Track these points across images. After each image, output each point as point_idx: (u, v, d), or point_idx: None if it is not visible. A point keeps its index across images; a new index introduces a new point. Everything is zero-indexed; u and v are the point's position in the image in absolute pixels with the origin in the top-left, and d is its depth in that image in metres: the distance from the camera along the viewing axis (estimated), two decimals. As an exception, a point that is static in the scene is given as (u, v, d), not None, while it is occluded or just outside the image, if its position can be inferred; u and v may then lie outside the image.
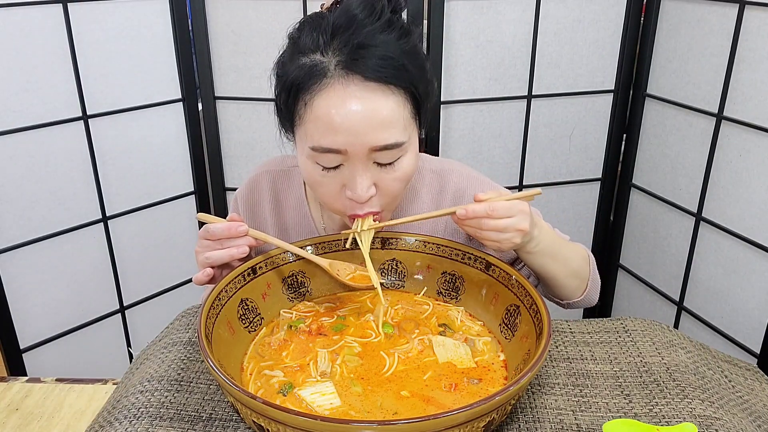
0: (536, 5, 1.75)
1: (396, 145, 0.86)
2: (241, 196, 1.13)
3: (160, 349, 0.93)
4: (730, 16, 1.55)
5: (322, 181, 0.90)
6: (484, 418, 0.67)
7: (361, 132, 0.83)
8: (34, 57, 1.54)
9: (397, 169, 0.89)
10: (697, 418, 0.77)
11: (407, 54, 0.86)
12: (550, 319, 0.79)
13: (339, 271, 0.97)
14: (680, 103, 1.74)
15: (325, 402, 0.76)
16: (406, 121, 0.87)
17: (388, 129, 0.85)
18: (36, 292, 1.68)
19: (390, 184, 0.90)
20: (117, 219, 1.79)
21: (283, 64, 0.90)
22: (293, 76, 0.86)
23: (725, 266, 1.67)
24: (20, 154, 1.57)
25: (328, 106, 0.83)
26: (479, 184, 1.07)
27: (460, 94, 1.81)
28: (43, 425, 1.15)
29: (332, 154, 0.86)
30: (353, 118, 0.83)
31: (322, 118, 0.84)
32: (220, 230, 0.90)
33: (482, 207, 0.87)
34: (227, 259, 0.91)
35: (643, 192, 1.93)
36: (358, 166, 0.87)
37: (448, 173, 1.07)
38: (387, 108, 0.84)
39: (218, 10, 1.75)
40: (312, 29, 0.87)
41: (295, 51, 0.87)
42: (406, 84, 0.85)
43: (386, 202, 0.93)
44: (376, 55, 0.83)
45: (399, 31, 0.86)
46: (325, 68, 0.84)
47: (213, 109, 1.85)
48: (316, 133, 0.85)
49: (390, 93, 0.84)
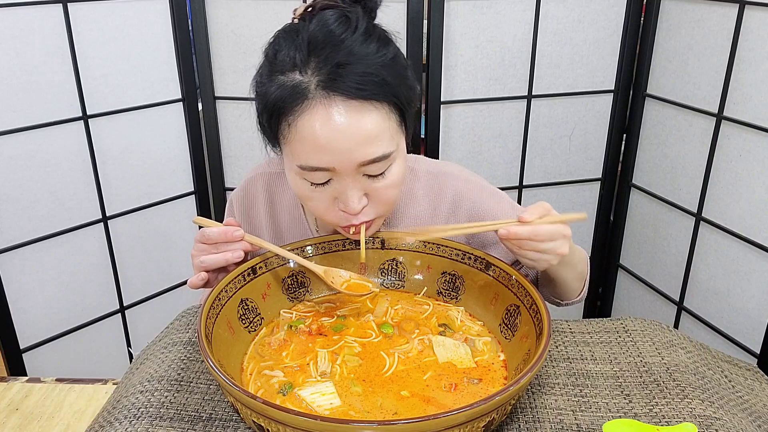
0: (536, 5, 1.75)
1: (384, 157, 0.86)
2: (236, 198, 1.13)
3: (160, 349, 0.93)
4: (730, 16, 1.55)
5: (312, 196, 0.90)
6: (484, 418, 0.67)
7: (347, 149, 0.83)
8: (34, 57, 1.54)
9: (387, 177, 0.89)
10: (697, 418, 0.77)
11: (386, 66, 0.85)
12: (550, 319, 0.79)
13: (334, 279, 0.96)
14: (680, 103, 1.74)
15: (325, 402, 0.76)
16: (392, 131, 0.87)
17: (374, 143, 0.84)
18: (36, 292, 1.68)
19: (382, 193, 0.90)
20: (117, 219, 1.79)
21: (261, 83, 0.88)
22: (274, 97, 0.85)
23: (725, 266, 1.67)
24: (20, 154, 1.57)
25: (313, 127, 0.82)
26: (478, 189, 1.06)
27: (460, 94, 1.81)
28: (43, 425, 1.15)
29: (321, 171, 0.86)
30: (339, 137, 0.82)
31: (307, 139, 0.83)
32: (216, 234, 0.90)
33: (526, 230, 0.84)
34: (222, 263, 0.91)
35: (643, 192, 1.93)
36: (348, 181, 0.87)
37: (444, 176, 1.07)
38: (371, 123, 0.83)
39: (218, 10, 1.75)
40: (288, 46, 0.85)
41: (273, 69, 0.86)
42: (388, 97, 0.85)
43: (380, 210, 0.93)
44: (355, 72, 0.82)
45: (377, 42, 0.85)
46: (305, 89, 0.83)
47: (213, 109, 1.85)
48: (302, 153, 0.85)
49: (373, 108, 0.83)
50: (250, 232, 1.12)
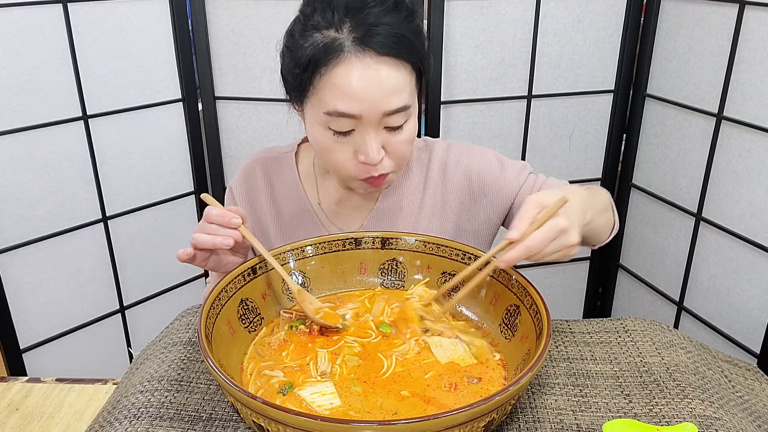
0: (536, 5, 1.75)
1: (405, 108, 0.95)
2: (236, 186, 1.17)
3: (160, 349, 0.93)
4: (730, 16, 1.55)
5: (333, 147, 0.97)
6: (484, 418, 0.67)
7: (375, 98, 0.92)
8: (34, 57, 1.54)
9: (404, 131, 0.98)
10: (697, 418, 0.77)
11: (414, 32, 0.95)
12: (550, 319, 0.79)
13: (305, 301, 0.93)
14: (680, 103, 1.74)
15: (325, 402, 0.76)
16: (411, 88, 0.97)
17: (398, 95, 0.93)
18: (36, 292, 1.68)
19: (398, 147, 0.98)
20: (117, 219, 1.79)
21: (293, 38, 0.96)
22: (310, 53, 0.92)
23: (725, 266, 1.67)
24: (20, 154, 1.57)
25: (346, 75, 0.91)
26: (460, 150, 1.14)
27: (460, 94, 1.81)
28: (43, 425, 1.15)
29: (346, 118, 0.93)
30: (369, 86, 0.91)
31: (339, 86, 0.92)
32: (214, 215, 0.92)
33: (519, 252, 0.80)
34: (210, 246, 0.90)
35: (643, 192, 1.93)
36: (370, 131, 0.95)
37: (431, 146, 1.16)
38: (397, 78, 0.93)
39: (218, 10, 1.75)
40: (324, 8, 0.94)
41: (307, 27, 0.94)
42: (413, 58, 0.95)
43: (396, 164, 1.01)
44: (388, 33, 0.92)
45: (405, 11, 0.96)
46: (341, 44, 0.91)
47: (213, 109, 1.85)
48: (332, 99, 0.93)
49: (400, 65, 0.93)
50: (252, 217, 1.15)
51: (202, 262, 0.94)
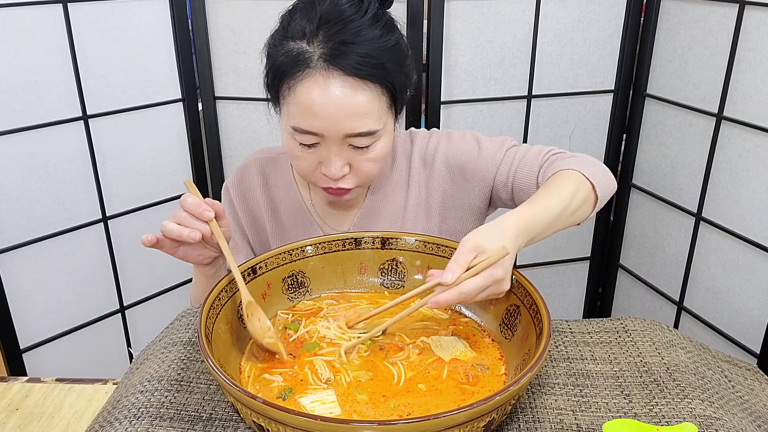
0: (536, 5, 1.75)
1: (369, 133, 0.94)
2: (232, 185, 1.17)
3: (160, 349, 0.93)
4: (730, 16, 1.55)
5: (300, 156, 0.98)
6: (484, 418, 0.67)
7: (336, 120, 0.91)
8: (34, 57, 1.54)
9: (371, 151, 0.96)
10: (697, 418, 0.77)
11: (387, 51, 0.92)
12: (550, 319, 0.79)
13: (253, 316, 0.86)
14: (680, 103, 1.74)
15: (325, 411, 0.75)
16: (381, 111, 0.94)
17: (362, 119, 0.92)
18: (36, 292, 1.68)
19: (364, 165, 0.98)
20: (117, 219, 1.79)
21: (273, 45, 0.97)
22: (280, 62, 0.93)
23: (725, 266, 1.67)
24: (20, 154, 1.57)
25: (309, 93, 0.90)
26: (439, 138, 1.12)
27: (460, 94, 1.81)
28: (43, 425, 1.15)
29: (310, 135, 0.94)
30: (330, 107, 0.90)
31: (303, 103, 0.91)
32: (188, 204, 0.91)
33: (452, 296, 0.78)
34: (176, 236, 0.89)
35: (643, 192, 1.93)
36: (333, 148, 0.95)
37: (414, 135, 1.16)
38: (362, 101, 0.91)
39: (218, 10, 1.75)
40: (302, 16, 0.93)
41: (285, 35, 0.95)
42: (382, 80, 0.92)
43: (360, 181, 1.00)
44: (357, 52, 0.89)
45: (383, 27, 0.92)
46: (309, 58, 0.90)
47: (213, 109, 1.85)
48: (296, 115, 0.93)
49: (366, 88, 0.91)
50: (248, 216, 1.16)
51: (170, 250, 0.94)
